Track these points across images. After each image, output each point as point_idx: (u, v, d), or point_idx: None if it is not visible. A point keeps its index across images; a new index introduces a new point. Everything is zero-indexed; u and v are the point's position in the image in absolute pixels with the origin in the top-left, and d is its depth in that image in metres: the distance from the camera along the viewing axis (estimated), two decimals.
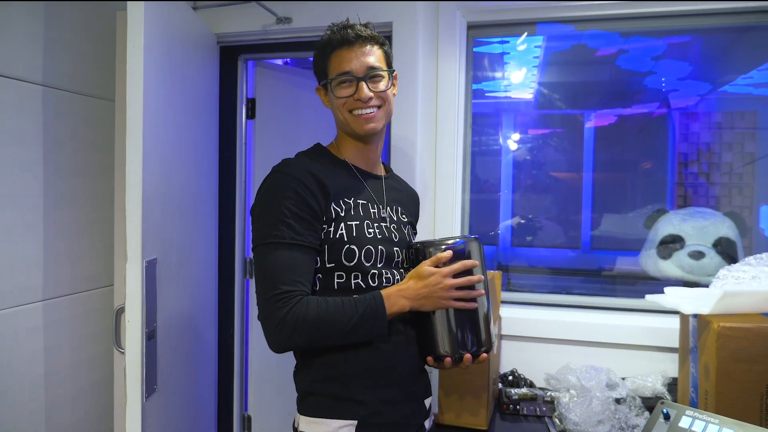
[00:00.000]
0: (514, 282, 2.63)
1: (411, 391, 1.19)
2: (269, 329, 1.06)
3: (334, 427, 1.10)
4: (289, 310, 1.04)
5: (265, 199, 1.12)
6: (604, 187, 3.36)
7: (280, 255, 1.07)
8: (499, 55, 2.92)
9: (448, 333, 1.14)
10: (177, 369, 1.79)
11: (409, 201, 1.39)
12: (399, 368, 1.17)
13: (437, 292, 1.10)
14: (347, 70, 1.18)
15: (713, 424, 0.93)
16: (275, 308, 1.04)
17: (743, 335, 1.17)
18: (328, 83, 1.21)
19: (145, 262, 1.53)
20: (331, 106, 1.24)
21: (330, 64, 1.21)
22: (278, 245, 1.07)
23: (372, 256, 1.15)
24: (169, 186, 1.70)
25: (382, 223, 1.21)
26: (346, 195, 1.17)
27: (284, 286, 1.05)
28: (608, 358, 1.77)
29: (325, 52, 1.21)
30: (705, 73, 3.03)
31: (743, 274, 1.34)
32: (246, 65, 2.24)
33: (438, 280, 1.10)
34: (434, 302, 1.11)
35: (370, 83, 1.19)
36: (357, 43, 1.18)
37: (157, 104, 1.58)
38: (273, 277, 1.06)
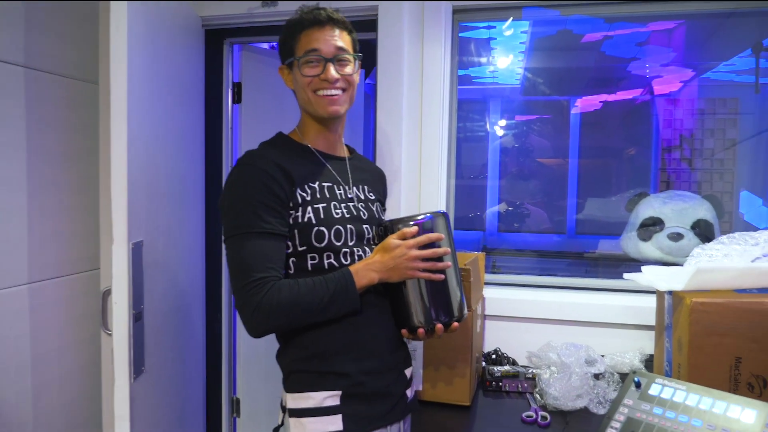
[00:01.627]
0: (499, 265, 2.66)
1: (391, 362, 1.23)
2: (246, 316, 1.09)
3: (320, 398, 1.14)
4: (263, 296, 1.07)
5: (232, 191, 1.14)
6: (590, 173, 3.40)
7: (251, 244, 1.10)
8: (486, 41, 2.94)
9: (420, 305, 1.19)
10: (165, 351, 1.81)
11: (376, 179, 1.41)
12: (377, 340, 1.21)
13: (403, 263, 1.14)
14: (316, 48, 1.19)
15: (681, 390, 0.97)
16: (250, 295, 1.08)
17: (715, 310, 1.21)
18: (295, 61, 1.22)
19: (131, 244, 1.54)
20: (295, 85, 1.26)
21: (298, 43, 1.22)
22: (249, 235, 1.10)
23: (342, 235, 1.18)
24: (155, 169, 1.71)
25: (349, 203, 1.24)
26: (310, 180, 1.20)
27: (257, 274, 1.08)
28: (589, 336, 1.81)
29: (294, 32, 1.22)
30: (688, 59, 3.07)
31: (716, 252, 1.38)
32: (232, 49, 2.23)
33: (403, 252, 1.13)
34: (401, 273, 1.15)
35: (338, 65, 1.21)
36: (328, 24, 1.20)
37: (141, 87, 1.59)
38: (246, 266, 1.09)
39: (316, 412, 1.14)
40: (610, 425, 0.96)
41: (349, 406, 1.15)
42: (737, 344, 1.20)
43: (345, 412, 1.14)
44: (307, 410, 1.15)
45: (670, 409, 0.96)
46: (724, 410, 0.92)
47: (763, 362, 1.20)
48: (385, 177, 1.49)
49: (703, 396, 0.95)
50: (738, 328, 1.20)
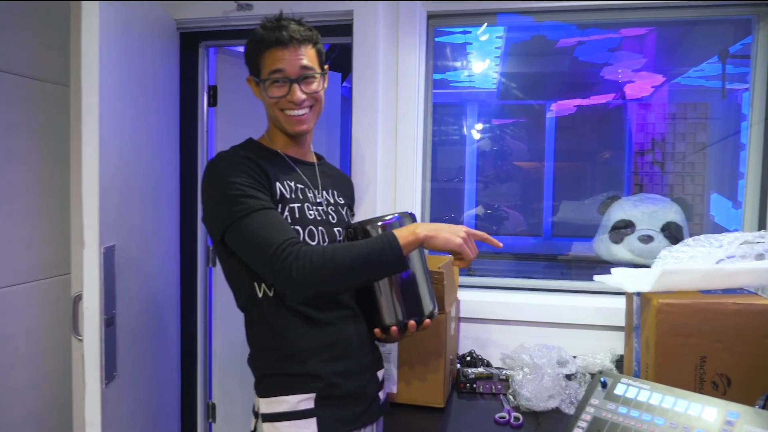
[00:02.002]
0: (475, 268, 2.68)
1: (364, 363, 1.25)
2: (286, 280, 1.05)
3: (294, 402, 1.14)
4: (296, 253, 1.04)
5: (217, 182, 1.13)
6: (565, 176, 3.45)
7: (259, 219, 1.08)
8: (462, 46, 2.97)
9: (391, 304, 1.22)
10: (138, 356, 1.79)
11: (344, 185, 1.44)
12: (350, 342, 1.22)
13: (454, 234, 1.13)
14: (280, 68, 1.19)
15: (645, 389, 0.99)
16: (282, 258, 1.04)
17: (680, 311, 1.24)
18: (260, 83, 1.23)
19: (103, 248, 1.52)
20: (263, 99, 1.27)
21: (263, 61, 1.22)
22: (252, 213, 1.09)
23: (315, 237, 1.19)
24: (128, 172, 1.69)
25: (319, 207, 1.25)
26: (284, 179, 1.21)
27: (281, 237, 1.06)
28: (562, 337, 1.84)
29: (258, 50, 1.22)
30: (659, 65, 3.14)
31: (682, 254, 1.41)
32: (207, 52, 2.22)
33: (458, 230, 1.14)
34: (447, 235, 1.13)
35: (303, 84, 1.21)
36: (291, 44, 1.19)
37: (113, 89, 1.57)
38: (265, 237, 1.07)
39: (291, 416, 1.14)
40: (577, 425, 0.98)
41: (324, 409, 1.15)
42: (702, 344, 1.23)
43: (319, 415, 1.14)
44: (282, 414, 1.15)
45: (635, 408, 0.98)
46: (686, 409, 0.94)
47: (726, 361, 1.23)
48: (352, 184, 1.52)
49: (666, 395, 0.97)
50: (702, 328, 1.23)
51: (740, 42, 2.29)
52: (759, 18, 1.86)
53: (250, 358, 1.25)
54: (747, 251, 1.40)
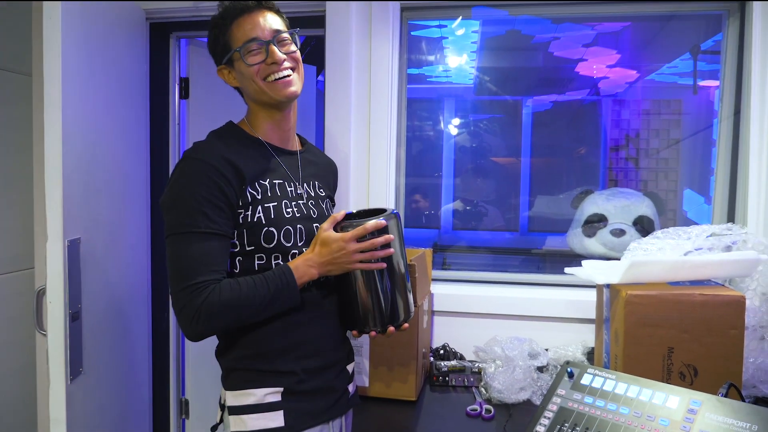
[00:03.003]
0: (450, 262, 2.69)
1: (333, 358, 1.23)
2: (185, 321, 1.06)
3: (261, 395, 1.13)
4: (204, 299, 1.04)
5: (178, 186, 1.09)
6: (542, 172, 3.47)
7: (195, 245, 1.06)
8: (438, 40, 2.96)
9: (372, 309, 1.17)
10: (106, 351, 1.76)
11: (326, 172, 1.40)
12: (320, 339, 1.20)
13: (340, 258, 1.12)
14: (254, 36, 1.15)
15: (610, 379, 1.00)
16: (190, 299, 1.04)
17: (648, 302, 1.25)
18: (236, 53, 1.16)
19: (67, 241, 1.49)
20: (240, 79, 1.21)
21: (232, 35, 1.17)
22: (193, 235, 1.06)
23: (291, 236, 1.16)
24: (93, 164, 1.65)
25: (299, 201, 1.21)
26: (261, 177, 1.17)
27: (199, 277, 1.05)
28: (534, 330, 1.85)
29: (224, 26, 1.18)
30: (633, 61, 3.17)
31: (651, 246, 1.42)
32: (179, 43, 2.19)
33: (340, 246, 1.11)
34: (340, 267, 1.13)
35: (280, 46, 1.17)
36: (256, 8, 1.17)
37: (78, 79, 1.54)
38: (188, 268, 1.05)
39: (257, 408, 1.13)
40: (544, 414, 0.98)
41: (291, 402, 1.14)
42: (669, 335, 1.25)
43: (286, 408, 1.13)
44: (248, 407, 1.13)
45: (600, 397, 0.98)
46: (650, 398, 0.95)
47: (693, 352, 1.24)
48: (336, 168, 1.48)
49: (631, 385, 0.98)
50: (670, 319, 1.24)
51: (712, 38, 2.32)
52: (729, 14, 1.88)
53: (218, 350, 1.22)
54: (714, 243, 1.41)
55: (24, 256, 1.91)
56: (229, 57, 1.19)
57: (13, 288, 1.88)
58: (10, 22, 1.82)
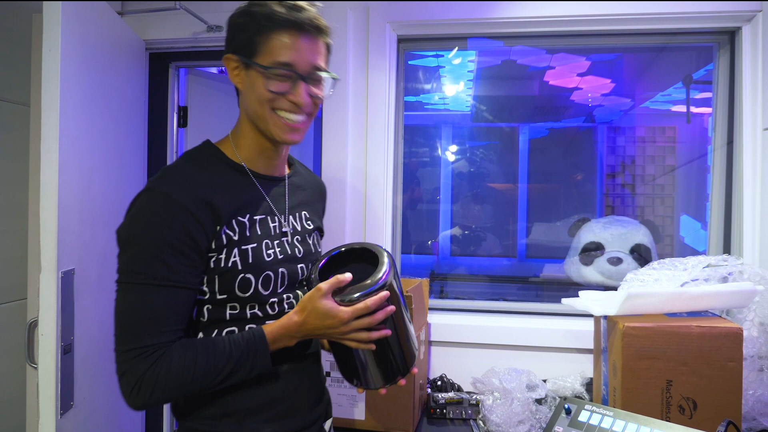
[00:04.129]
0: (447, 290, 2.68)
1: (311, 418, 1.10)
2: (126, 388, 0.91)
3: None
4: (148, 367, 0.89)
5: (135, 225, 0.92)
6: (538, 198, 3.48)
7: (146, 299, 0.90)
8: (435, 69, 3.00)
9: (376, 370, 1.04)
10: (98, 384, 1.73)
11: (315, 198, 1.24)
12: (297, 395, 1.07)
13: (332, 333, 0.97)
14: (290, 61, 0.96)
15: (608, 416, 0.98)
16: (133, 364, 0.89)
17: (646, 334, 1.24)
18: (259, 68, 0.96)
19: (60, 272, 1.47)
20: (248, 89, 1.00)
21: (269, 43, 0.96)
22: (145, 287, 0.90)
23: (271, 282, 1.01)
24: (89, 194, 1.65)
25: (283, 239, 1.06)
26: (240, 213, 1.00)
27: (146, 338, 0.90)
28: (532, 360, 1.83)
29: (262, 26, 0.95)
30: (627, 89, 3.21)
31: (647, 277, 1.42)
32: (177, 73, 2.21)
33: (337, 323, 0.94)
34: (329, 338, 1.01)
35: (310, 85, 1.00)
36: (309, 32, 0.97)
37: (75, 109, 1.54)
38: (134, 326, 0.90)
39: None
40: None
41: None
42: (668, 367, 1.23)
43: None
44: None
45: None
46: None
47: (692, 384, 1.23)
48: (325, 190, 1.33)
49: (629, 422, 0.96)
50: (668, 352, 1.23)
51: (703, 68, 2.35)
52: (719, 46, 1.91)
53: (176, 407, 1.04)
54: (711, 274, 1.41)
55: (17, 287, 1.89)
56: (248, 60, 0.98)
57: (5, 319, 1.86)
58: (9, 52, 1.84)
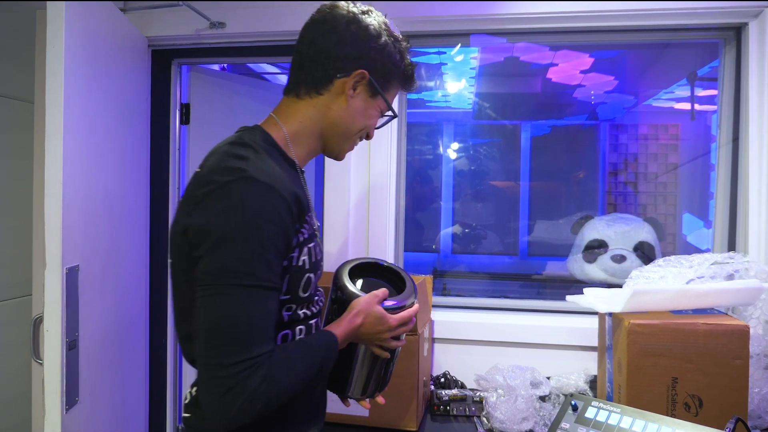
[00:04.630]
0: (450, 287, 2.68)
1: (322, 425, 1.11)
2: (234, 404, 0.80)
3: None
4: (261, 381, 0.81)
5: (239, 217, 0.82)
6: (541, 196, 3.48)
7: (256, 303, 0.82)
8: (437, 66, 2.99)
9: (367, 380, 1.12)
10: (102, 380, 1.73)
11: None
12: (319, 407, 1.09)
13: (378, 337, 1.03)
14: (392, 106, 1.07)
15: (615, 413, 0.98)
16: (242, 378, 0.79)
17: (651, 331, 1.23)
18: (384, 103, 1.05)
19: (65, 269, 1.48)
20: (356, 108, 1.02)
21: (392, 89, 1.07)
22: (253, 290, 0.82)
23: (318, 280, 1.00)
24: (93, 191, 1.65)
25: (317, 233, 1.03)
26: (308, 210, 0.96)
27: (255, 349, 0.81)
28: (536, 357, 1.83)
29: (398, 75, 1.05)
30: (630, 87, 3.20)
31: (653, 275, 1.41)
32: (180, 69, 2.20)
33: (386, 329, 1.01)
34: (368, 342, 1.05)
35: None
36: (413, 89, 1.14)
37: (79, 106, 1.54)
38: (242, 335, 0.81)
39: None
40: None
41: None
42: (673, 365, 1.23)
43: None
44: None
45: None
46: None
47: (698, 382, 1.23)
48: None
49: (636, 419, 0.96)
50: (673, 349, 1.23)
51: (708, 65, 2.34)
52: (725, 42, 1.90)
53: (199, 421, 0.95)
54: (717, 272, 1.41)
55: (22, 284, 1.89)
56: (377, 88, 1.02)
57: (10, 316, 1.86)
58: (12, 49, 1.84)
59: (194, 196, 0.88)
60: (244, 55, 2.14)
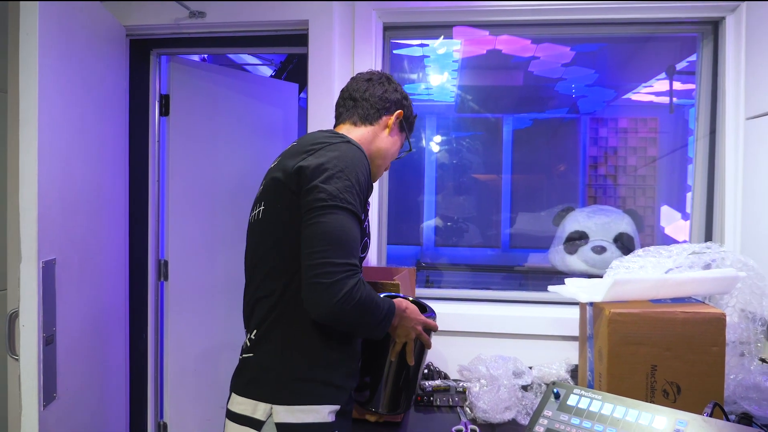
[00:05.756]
0: (433, 279, 2.68)
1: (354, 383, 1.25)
2: (334, 294, 0.99)
3: (325, 413, 1.08)
4: (356, 283, 1.02)
5: (347, 162, 1.08)
6: (522, 188, 3.50)
7: (354, 224, 1.05)
8: (420, 59, 2.99)
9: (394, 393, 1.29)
10: (81, 375, 1.71)
11: None
12: (357, 361, 1.22)
13: (413, 326, 1.23)
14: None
15: (596, 400, 0.99)
16: (344, 277, 1.01)
17: (631, 320, 1.25)
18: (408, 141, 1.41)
19: (42, 262, 1.45)
20: (387, 137, 1.33)
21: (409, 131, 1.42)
22: (353, 214, 1.05)
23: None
24: (70, 182, 1.62)
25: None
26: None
27: (353, 258, 1.04)
28: (518, 348, 1.84)
29: (411, 120, 1.43)
30: (610, 80, 3.23)
31: (633, 265, 1.43)
32: (159, 60, 2.17)
33: (419, 321, 1.25)
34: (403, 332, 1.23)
35: None
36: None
37: (54, 96, 1.51)
38: (347, 244, 1.03)
39: (317, 428, 1.07)
40: None
41: (341, 420, 1.13)
42: (653, 353, 1.25)
43: (339, 428, 1.11)
44: (308, 426, 1.07)
45: (587, 418, 0.98)
46: (636, 418, 0.95)
47: (676, 369, 1.25)
48: None
49: (617, 405, 0.97)
50: (653, 337, 1.25)
51: (686, 59, 2.37)
52: (703, 36, 1.93)
53: (268, 358, 1.12)
54: (694, 261, 1.43)
55: None
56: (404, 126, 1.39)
57: None
58: None
59: (305, 150, 1.12)
60: (225, 46, 2.11)
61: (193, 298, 2.25)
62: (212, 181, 2.28)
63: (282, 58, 2.93)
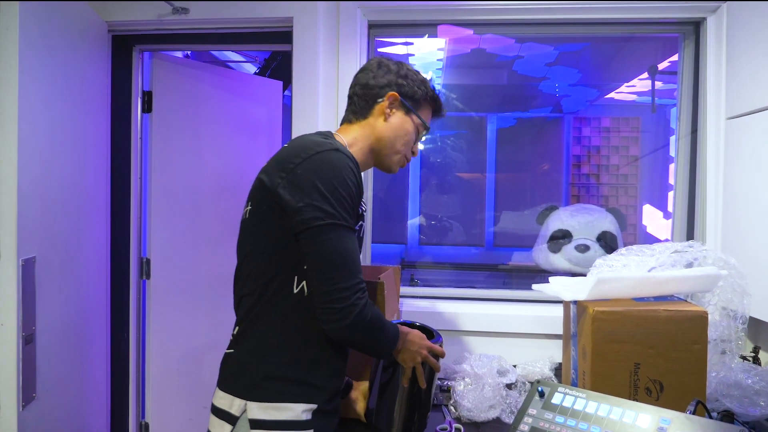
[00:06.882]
0: (418, 277, 2.69)
1: (346, 381, 1.27)
2: (348, 315, 1.02)
3: (298, 411, 1.08)
4: (366, 303, 1.05)
5: (339, 176, 1.04)
6: (506, 187, 3.52)
7: (352, 242, 1.05)
8: (404, 57, 2.99)
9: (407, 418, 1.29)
10: (61, 375, 1.68)
11: None
12: (346, 360, 1.22)
13: (417, 351, 1.21)
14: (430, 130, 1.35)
15: (581, 398, 1.00)
16: (356, 298, 1.03)
17: (614, 318, 1.26)
18: (421, 123, 1.29)
19: (21, 260, 1.42)
20: (386, 124, 1.25)
21: (423, 109, 1.30)
22: (350, 231, 1.05)
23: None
24: (50, 180, 1.59)
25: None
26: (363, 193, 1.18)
27: (360, 274, 1.05)
28: (502, 346, 1.85)
29: (428, 100, 1.30)
30: (593, 80, 3.26)
31: (616, 263, 1.44)
32: (141, 56, 2.14)
33: (423, 345, 1.22)
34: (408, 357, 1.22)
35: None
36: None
37: (34, 91, 1.48)
38: (353, 263, 1.04)
39: (290, 426, 1.07)
40: None
41: (318, 420, 1.10)
42: (636, 351, 1.26)
43: (316, 426, 1.09)
44: (281, 423, 1.06)
45: (571, 417, 0.98)
46: (621, 416, 0.96)
47: (659, 367, 1.26)
48: None
49: (602, 403, 0.98)
50: (636, 335, 1.26)
51: (668, 59, 2.40)
52: (684, 36, 1.95)
53: (246, 354, 1.12)
54: (677, 260, 1.45)
55: None
56: (408, 106, 1.26)
57: None
58: None
59: (290, 161, 1.07)
60: (208, 42, 2.09)
61: (176, 297, 2.23)
62: (195, 179, 2.25)
63: (266, 56, 2.91)
